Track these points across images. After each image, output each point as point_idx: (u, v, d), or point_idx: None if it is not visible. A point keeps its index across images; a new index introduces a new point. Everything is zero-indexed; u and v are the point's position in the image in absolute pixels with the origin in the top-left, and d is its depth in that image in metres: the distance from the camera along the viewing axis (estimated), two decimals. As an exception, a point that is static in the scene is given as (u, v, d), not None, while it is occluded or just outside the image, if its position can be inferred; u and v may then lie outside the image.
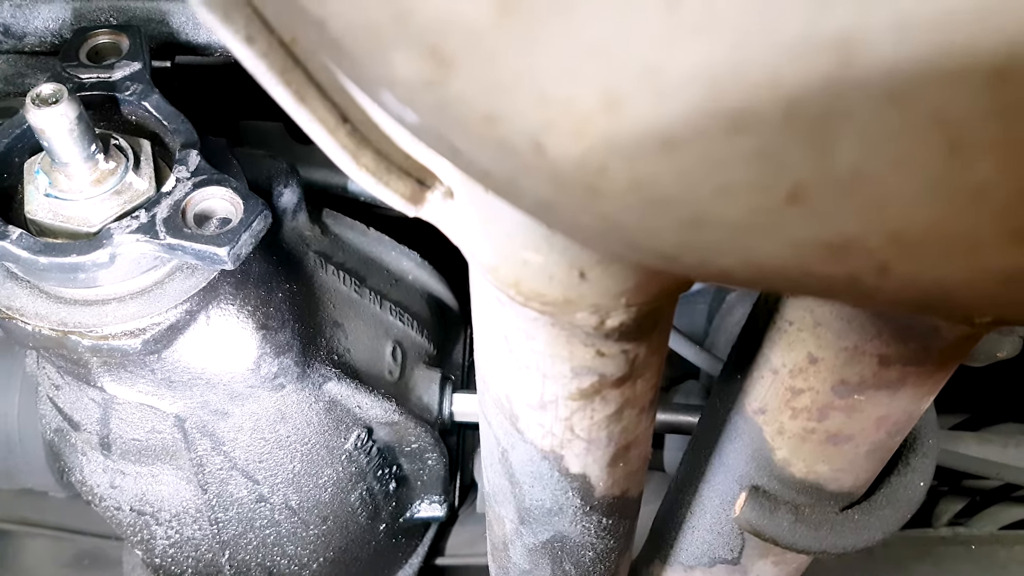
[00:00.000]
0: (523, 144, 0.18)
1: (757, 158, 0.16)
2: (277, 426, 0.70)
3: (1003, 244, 0.17)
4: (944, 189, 0.16)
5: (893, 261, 0.18)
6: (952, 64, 0.13)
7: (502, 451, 0.46)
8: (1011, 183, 0.15)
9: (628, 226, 0.20)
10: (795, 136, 0.15)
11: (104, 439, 0.73)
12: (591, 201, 0.19)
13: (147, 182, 0.61)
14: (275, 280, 0.69)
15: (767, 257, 0.19)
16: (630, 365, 0.38)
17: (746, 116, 0.15)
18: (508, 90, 0.17)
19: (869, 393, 0.41)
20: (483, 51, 0.16)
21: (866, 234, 0.17)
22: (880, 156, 0.15)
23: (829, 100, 0.15)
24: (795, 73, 0.14)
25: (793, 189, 0.17)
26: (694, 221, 0.18)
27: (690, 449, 0.57)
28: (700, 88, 0.15)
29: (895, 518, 0.48)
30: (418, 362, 0.83)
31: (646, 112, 0.16)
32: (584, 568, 0.56)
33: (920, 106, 0.14)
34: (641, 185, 0.18)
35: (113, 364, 0.64)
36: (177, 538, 0.80)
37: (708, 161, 0.16)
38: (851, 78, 0.14)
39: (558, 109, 0.16)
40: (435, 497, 0.90)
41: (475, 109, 0.18)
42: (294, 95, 0.30)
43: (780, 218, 0.17)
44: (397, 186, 0.34)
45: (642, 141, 0.16)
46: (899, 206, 0.16)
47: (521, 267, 0.32)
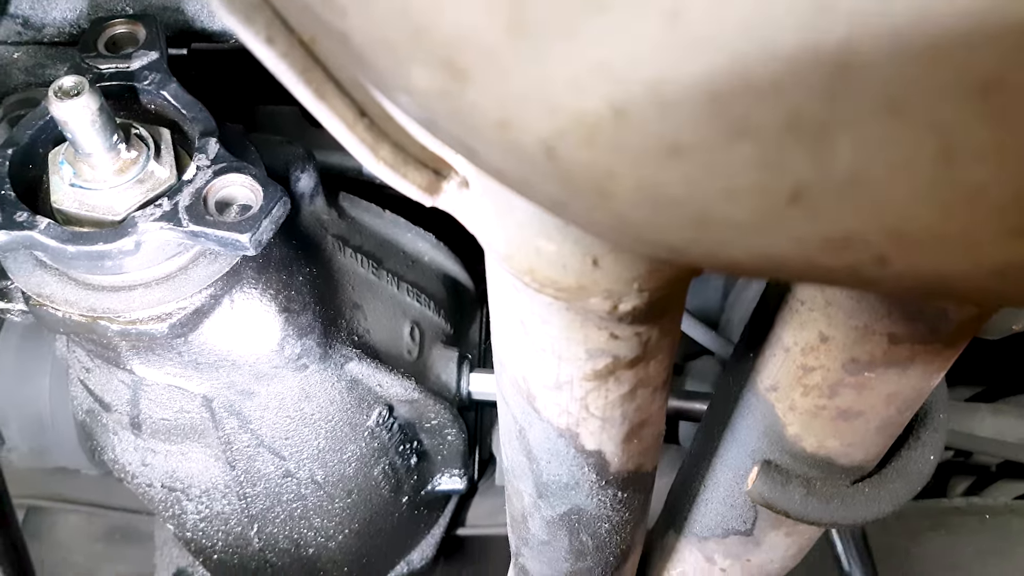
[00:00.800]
0: (535, 149, 0.19)
1: (759, 163, 0.17)
2: (301, 404, 0.72)
3: (998, 240, 0.18)
4: (939, 191, 0.17)
5: (892, 255, 0.19)
6: (945, 75, 0.14)
7: (519, 429, 0.48)
8: (1003, 185, 0.16)
9: (637, 223, 0.21)
10: (795, 142, 0.16)
11: (134, 419, 0.75)
12: (601, 201, 0.20)
13: (168, 170, 0.62)
14: (295, 264, 0.70)
15: (771, 251, 0.20)
16: (643, 347, 0.39)
17: (747, 124, 0.16)
18: (519, 101, 0.17)
19: (879, 371, 0.42)
20: (495, 66, 0.17)
21: (865, 231, 0.18)
22: (877, 160, 0.16)
23: (827, 109, 0.15)
24: (793, 84, 0.15)
25: (794, 191, 0.17)
26: (700, 220, 0.19)
27: (703, 425, 0.59)
28: (702, 99, 0.16)
29: (905, 491, 0.49)
30: (436, 341, 0.85)
31: (651, 122, 0.17)
32: (600, 539, 0.58)
33: (914, 115, 0.15)
34: (648, 188, 0.18)
35: (141, 347, 0.66)
36: (207, 513, 0.82)
37: (712, 166, 0.17)
38: (847, 89, 0.15)
39: (567, 119, 0.17)
40: (455, 471, 0.92)
41: (488, 117, 0.18)
42: (314, 93, 0.31)
43: (782, 217, 0.18)
44: (414, 177, 0.35)
45: (648, 148, 0.17)
46: (896, 206, 0.17)
47: (535, 255, 0.33)
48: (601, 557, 0.60)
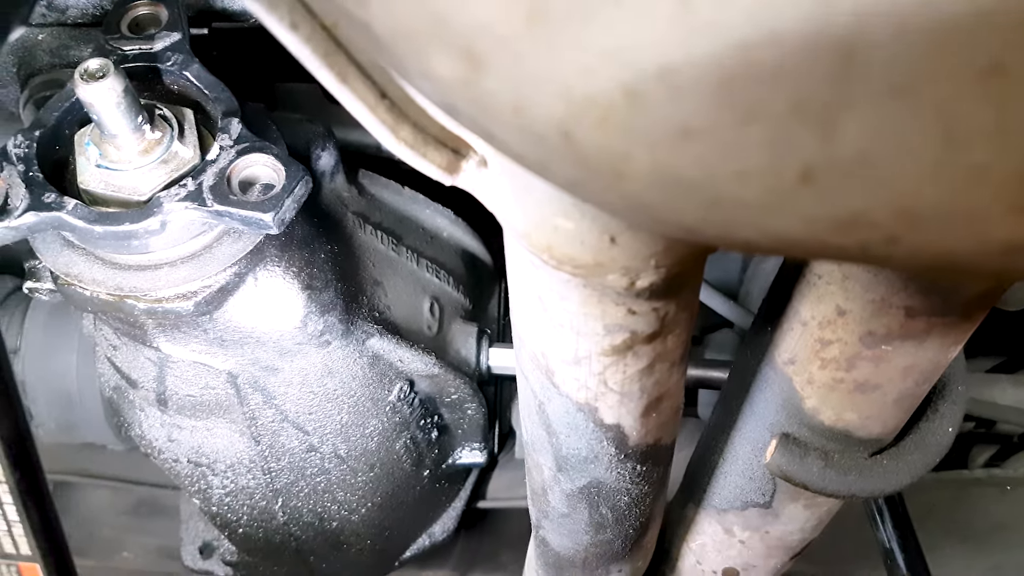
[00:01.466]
0: (551, 133, 0.19)
1: (769, 145, 0.17)
2: (324, 380, 0.73)
3: (1003, 218, 0.18)
4: (944, 171, 0.17)
5: (901, 233, 0.20)
6: (949, 59, 0.15)
7: (539, 403, 0.49)
8: (1007, 164, 0.17)
9: (651, 204, 0.21)
10: (803, 125, 0.17)
11: (161, 396, 0.77)
12: (616, 182, 0.21)
13: (192, 151, 0.63)
14: (317, 241, 0.71)
15: (782, 230, 0.21)
16: (661, 322, 0.40)
17: (755, 108, 0.16)
18: (535, 86, 0.18)
19: (896, 344, 0.42)
20: (512, 54, 0.17)
21: (873, 210, 0.19)
22: (883, 141, 0.17)
23: (833, 92, 0.16)
24: (799, 69, 0.15)
25: (803, 172, 0.18)
26: (713, 201, 0.20)
27: (721, 398, 0.59)
28: (711, 84, 0.16)
29: (923, 463, 0.50)
30: (455, 317, 0.86)
31: (663, 106, 0.17)
32: (620, 512, 0.59)
33: (919, 97, 0.15)
34: (662, 170, 0.19)
35: (167, 325, 0.67)
36: (232, 487, 0.84)
37: (723, 148, 0.18)
38: (852, 73, 0.15)
39: (582, 103, 0.18)
40: (475, 444, 0.93)
41: (506, 102, 0.19)
42: (337, 76, 0.32)
43: (792, 198, 0.19)
44: (434, 157, 0.36)
45: (660, 131, 0.18)
46: (903, 186, 0.18)
47: (553, 233, 0.33)
48: (621, 529, 0.61)
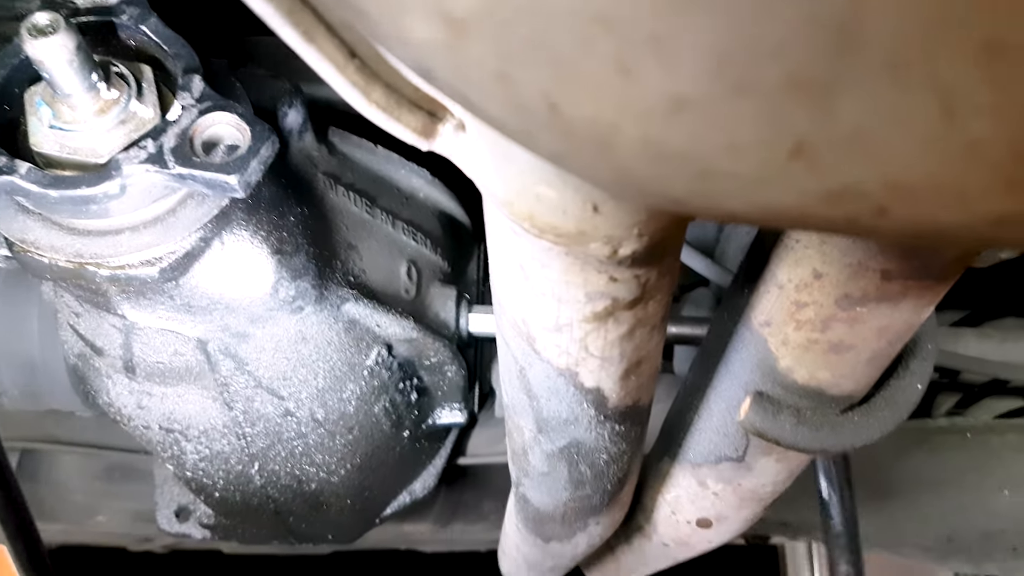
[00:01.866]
0: (537, 103, 0.19)
1: (762, 119, 0.17)
2: (299, 346, 0.72)
3: (995, 192, 0.18)
4: (939, 146, 0.17)
5: (891, 206, 0.19)
6: (948, 37, 0.14)
7: (519, 369, 0.48)
8: (1002, 141, 0.16)
9: (639, 176, 0.21)
10: (798, 100, 0.16)
11: (128, 363, 0.76)
12: (603, 154, 0.20)
13: (151, 110, 0.61)
14: (286, 204, 0.69)
15: (772, 202, 0.20)
16: (642, 288, 0.39)
17: (749, 82, 0.16)
18: (521, 55, 0.17)
19: (871, 306, 0.42)
20: (496, 19, 0.16)
21: (865, 183, 0.18)
22: (878, 117, 0.16)
23: (828, 69, 0.15)
24: (794, 45, 0.15)
25: (796, 146, 0.17)
26: (703, 173, 0.19)
27: (698, 358, 0.59)
28: (707, 57, 0.15)
29: (893, 419, 0.50)
30: (433, 280, 0.85)
31: (656, 78, 0.16)
32: (598, 470, 0.59)
33: (917, 74, 0.15)
34: (652, 142, 0.18)
35: (132, 292, 0.65)
36: (207, 453, 0.83)
37: (715, 121, 0.17)
38: (849, 50, 0.15)
39: (571, 74, 0.17)
40: (455, 405, 0.93)
41: (489, 70, 0.18)
42: (302, 35, 0.30)
43: (783, 171, 0.18)
44: (408, 120, 0.35)
45: (652, 104, 0.17)
46: (896, 160, 0.17)
47: (535, 202, 0.33)
48: (599, 485, 0.62)
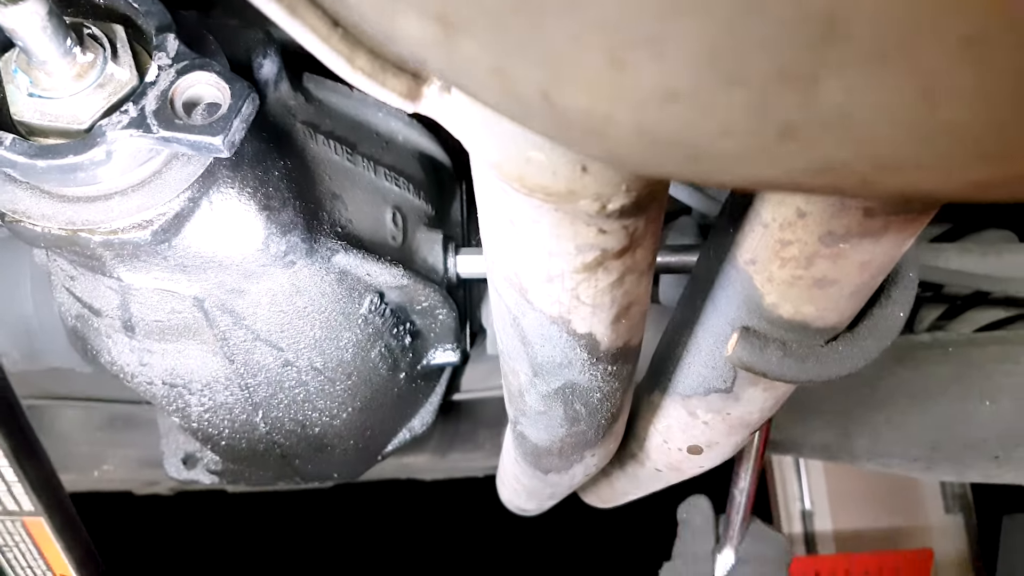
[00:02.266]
0: (531, 94, 0.19)
1: (752, 106, 0.18)
2: (293, 299, 0.73)
3: (974, 163, 0.19)
4: (921, 126, 0.17)
5: (874, 177, 0.20)
6: (932, 28, 0.15)
7: (513, 317, 0.50)
8: (982, 120, 0.17)
9: (632, 157, 0.21)
10: (786, 88, 0.17)
11: (127, 323, 0.76)
12: (597, 139, 0.21)
13: (128, 71, 0.60)
14: (269, 158, 0.69)
15: (761, 176, 0.21)
16: (630, 238, 0.40)
17: (741, 74, 0.17)
18: (515, 52, 0.18)
19: (854, 242, 0.43)
20: (491, 21, 0.17)
21: (850, 159, 0.19)
22: (863, 101, 0.17)
23: (815, 60, 0.16)
24: (787, 39, 0.15)
25: (784, 128, 0.18)
26: (694, 155, 0.20)
27: (685, 295, 0.61)
28: (699, 53, 0.16)
29: (876, 347, 0.52)
30: (419, 225, 0.85)
31: (650, 73, 0.17)
32: (593, 407, 0.61)
33: (899, 63, 0.16)
34: (645, 130, 0.19)
35: (126, 255, 0.66)
36: (211, 404, 0.85)
37: (707, 111, 0.18)
38: (836, 42, 0.15)
39: (565, 69, 0.18)
40: (448, 345, 0.95)
41: (483, 65, 0.19)
42: (285, 8, 0.30)
43: (772, 151, 0.19)
44: (393, 84, 0.35)
45: (646, 96, 0.18)
46: (880, 139, 0.18)
47: (524, 164, 0.33)
48: (594, 421, 0.64)
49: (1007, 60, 0.15)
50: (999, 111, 0.17)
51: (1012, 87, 0.16)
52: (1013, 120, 0.17)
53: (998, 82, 0.16)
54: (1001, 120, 0.17)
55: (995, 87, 0.16)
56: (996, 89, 0.16)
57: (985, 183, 0.20)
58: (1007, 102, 0.17)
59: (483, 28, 0.17)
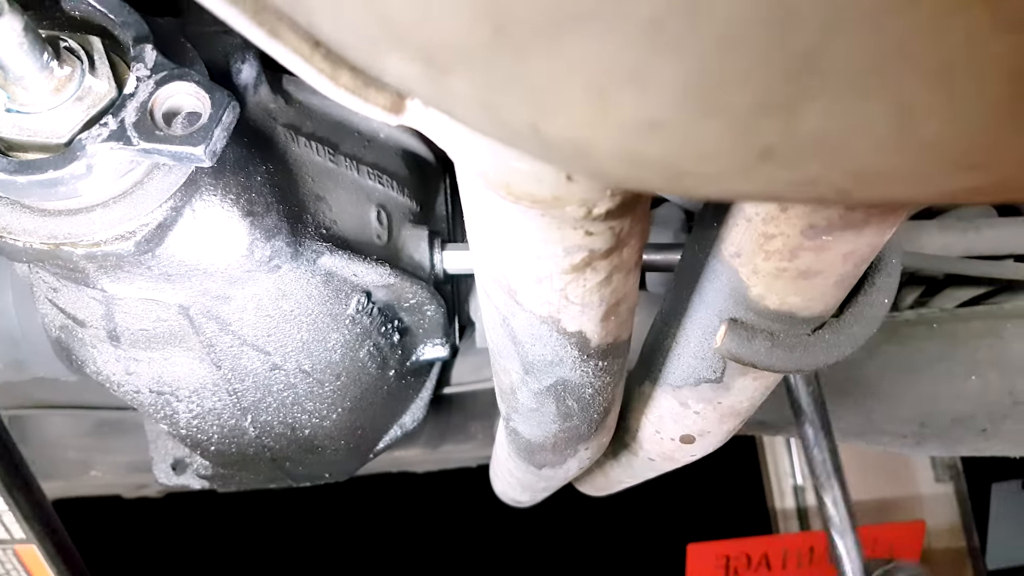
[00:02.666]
0: (519, 125, 0.19)
1: (732, 133, 0.18)
2: (279, 303, 0.73)
3: (951, 174, 0.19)
4: (898, 144, 0.18)
5: (853, 189, 0.20)
6: (909, 59, 0.15)
7: (503, 318, 0.50)
8: (957, 136, 0.17)
9: (617, 175, 0.22)
10: (765, 116, 0.17)
11: (112, 332, 0.76)
12: (583, 160, 0.21)
13: (106, 83, 0.59)
14: (251, 163, 0.69)
15: (743, 191, 0.21)
16: (617, 238, 0.41)
17: (721, 105, 0.17)
18: (503, 88, 0.18)
19: (836, 234, 0.44)
20: (478, 63, 0.17)
21: (829, 175, 0.20)
22: (841, 124, 0.17)
23: (795, 91, 0.16)
24: (765, 73, 0.16)
25: (764, 151, 0.18)
26: (677, 174, 0.20)
27: (672, 288, 0.61)
28: (679, 87, 0.16)
29: (863, 333, 0.53)
30: (404, 222, 0.85)
31: (632, 105, 0.17)
32: (585, 402, 0.62)
33: (878, 90, 0.16)
34: (628, 154, 0.19)
35: (109, 266, 0.65)
36: (199, 411, 0.85)
37: (688, 137, 0.18)
38: (814, 77, 0.16)
39: (551, 103, 0.18)
40: (437, 340, 0.95)
41: (472, 101, 0.19)
42: (268, 32, 0.30)
43: (753, 169, 0.19)
44: (377, 99, 0.35)
45: (628, 126, 0.18)
46: (858, 156, 0.18)
47: (510, 172, 0.33)
48: (586, 416, 0.64)
49: (981, 83, 0.16)
50: (975, 127, 0.17)
51: (986, 104, 0.17)
52: (988, 133, 0.18)
53: (973, 102, 0.16)
54: (977, 134, 0.18)
55: (970, 107, 0.16)
56: (971, 108, 0.16)
57: (962, 191, 0.20)
58: (982, 118, 0.17)
59: (470, 67, 0.18)
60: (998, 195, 0.22)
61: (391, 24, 0.16)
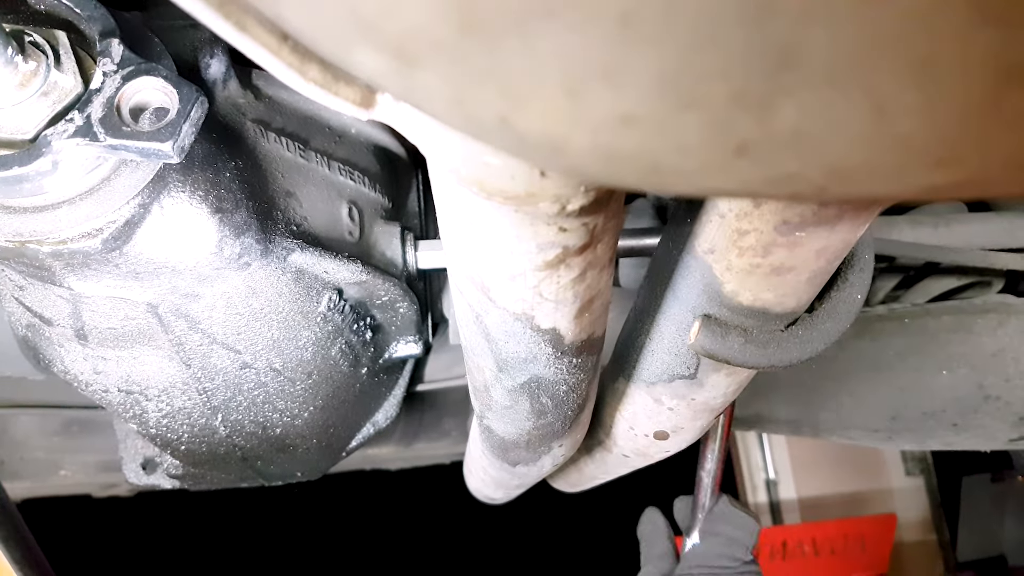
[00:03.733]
0: (490, 119, 0.19)
1: (707, 127, 0.18)
2: (249, 301, 0.72)
3: (926, 170, 0.19)
4: (873, 139, 0.18)
5: (830, 186, 0.20)
6: (884, 56, 0.15)
7: (476, 315, 0.49)
8: (930, 131, 0.17)
9: (591, 170, 0.21)
10: (740, 110, 0.17)
11: (79, 331, 0.75)
12: (555, 157, 0.20)
13: (72, 78, 0.58)
14: (219, 159, 0.68)
15: (719, 187, 0.21)
16: (591, 234, 0.40)
17: (696, 100, 0.17)
18: (473, 84, 0.17)
19: (809, 230, 0.44)
20: (448, 56, 0.17)
21: (806, 171, 0.19)
22: (818, 120, 0.17)
23: (770, 86, 0.16)
24: (741, 68, 0.16)
25: (740, 145, 0.18)
26: (653, 169, 0.20)
27: (645, 283, 0.61)
28: (655, 84, 0.16)
29: (836, 329, 0.53)
30: (376, 218, 0.84)
31: (605, 100, 0.17)
32: (559, 399, 0.61)
33: (854, 86, 0.16)
34: (603, 150, 0.19)
35: (76, 264, 0.64)
36: (168, 410, 0.84)
37: (663, 131, 0.18)
38: (790, 72, 0.15)
39: (523, 98, 0.18)
40: (410, 337, 0.94)
41: (442, 94, 0.18)
42: (234, 25, 0.30)
43: (729, 166, 0.19)
44: (346, 93, 0.35)
45: (602, 119, 0.18)
46: (834, 152, 0.18)
47: (482, 168, 0.33)
48: (560, 413, 0.64)
49: (956, 79, 0.16)
50: (950, 123, 0.17)
51: (962, 100, 0.17)
52: (964, 129, 0.18)
53: (949, 98, 0.16)
54: (952, 130, 0.18)
55: (946, 103, 0.16)
56: (947, 104, 0.16)
57: (938, 187, 0.20)
58: (957, 114, 0.17)
59: (439, 61, 0.17)
60: (974, 190, 0.22)
61: (359, 15, 0.16)
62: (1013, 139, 0.18)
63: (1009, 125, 0.17)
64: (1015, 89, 0.16)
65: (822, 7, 0.14)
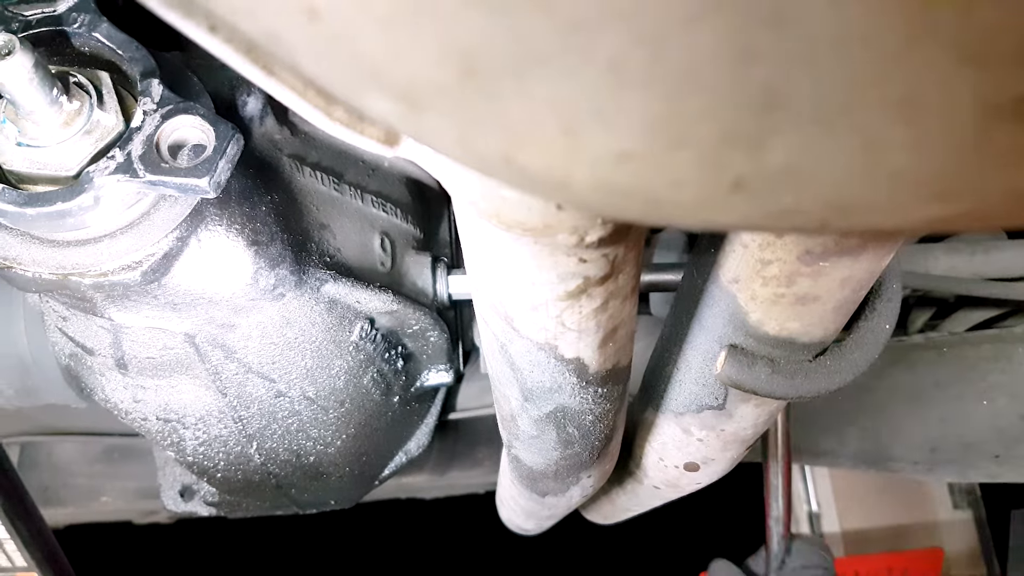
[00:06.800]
0: (494, 158, 0.20)
1: (701, 163, 0.18)
2: (284, 331, 0.74)
3: (926, 203, 0.19)
4: (866, 175, 0.18)
5: (831, 219, 0.21)
6: (869, 94, 0.15)
7: (501, 344, 0.50)
8: (922, 166, 0.18)
9: (594, 204, 0.22)
10: (732, 148, 0.17)
11: (119, 360, 0.77)
12: (559, 192, 0.21)
13: (114, 116, 0.61)
14: (256, 194, 0.70)
15: (719, 222, 0.22)
16: (611, 265, 0.41)
17: (687, 139, 0.17)
18: (477, 125, 0.18)
19: (833, 260, 0.44)
20: (451, 101, 0.17)
21: (804, 205, 0.20)
22: (809, 156, 0.18)
23: (759, 125, 0.17)
24: (728, 108, 0.16)
25: (735, 181, 0.19)
26: (652, 203, 0.21)
27: (672, 314, 0.61)
28: (647, 124, 0.17)
29: (864, 359, 0.53)
30: (407, 248, 0.86)
31: (600, 139, 0.18)
32: (585, 429, 0.62)
33: (841, 124, 0.16)
34: (603, 185, 0.20)
35: (116, 296, 0.66)
36: (205, 438, 0.85)
37: (658, 168, 0.18)
38: (778, 111, 0.16)
39: (523, 137, 0.18)
40: (441, 366, 0.95)
41: (449, 135, 0.19)
42: (262, 70, 0.31)
43: (725, 200, 0.20)
44: (371, 132, 0.36)
45: (599, 157, 0.18)
46: (829, 187, 0.19)
47: (500, 201, 0.34)
48: (587, 443, 0.64)
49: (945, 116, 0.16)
50: (940, 158, 0.17)
51: (952, 137, 0.17)
52: (955, 164, 0.18)
53: (935, 135, 0.16)
54: (944, 165, 0.18)
55: (933, 139, 0.17)
56: (937, 140, 0.17)
57: (940, 219, 0.21)
58: (948, 150, 0.17)
59: (445, 105, 0.18)
60: (978, 223, 0.22)
61: (366, 64, 0.17)
62: (1008, 173, 0.18)
63: (1002, 159, 0.18)
64: (1003, 125, 0.16)
65: (802, 50, 0.14)
